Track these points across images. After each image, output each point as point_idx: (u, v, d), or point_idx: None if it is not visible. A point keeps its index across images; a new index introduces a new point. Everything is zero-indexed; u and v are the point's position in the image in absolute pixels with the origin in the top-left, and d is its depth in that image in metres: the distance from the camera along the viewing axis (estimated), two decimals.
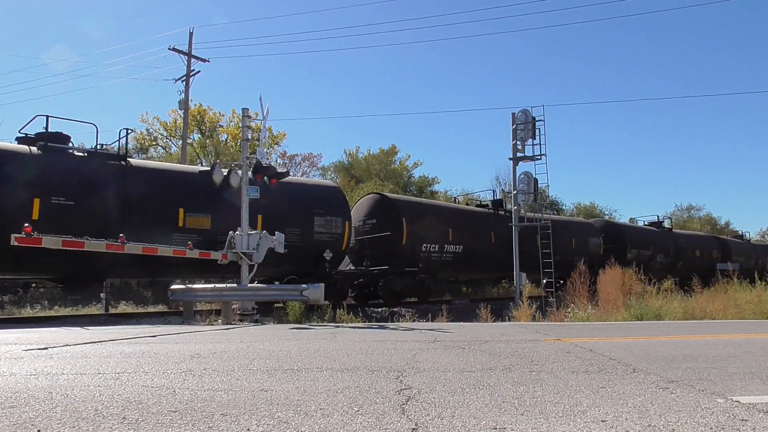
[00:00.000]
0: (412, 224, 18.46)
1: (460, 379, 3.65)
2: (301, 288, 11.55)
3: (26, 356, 4.94)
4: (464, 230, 20.59)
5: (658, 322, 9.95)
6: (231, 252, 12.40)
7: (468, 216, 22.12)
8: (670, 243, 30.34)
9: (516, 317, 12.09)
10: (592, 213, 44.34)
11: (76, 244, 11.17)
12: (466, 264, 20.74)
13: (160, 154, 35.55)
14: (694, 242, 33.42)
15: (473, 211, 22.90)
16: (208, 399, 3.03)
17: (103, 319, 13.58)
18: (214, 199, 14.01)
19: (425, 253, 18.97)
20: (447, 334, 7.09)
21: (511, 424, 2.49)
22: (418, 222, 18.91)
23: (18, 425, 2.48)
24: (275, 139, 36.71)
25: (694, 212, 60.23)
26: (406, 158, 43.52)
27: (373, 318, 14.35)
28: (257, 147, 12.91)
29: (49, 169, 12.60)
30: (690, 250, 31.79)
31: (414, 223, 18.61)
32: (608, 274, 13.88)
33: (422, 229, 18.92)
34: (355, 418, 2.60)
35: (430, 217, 19.79)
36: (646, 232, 30.34)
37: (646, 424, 2.51)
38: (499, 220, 22.08)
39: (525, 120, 18.42)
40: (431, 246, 19.13)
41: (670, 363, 4.41)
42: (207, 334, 7.44)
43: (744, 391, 3.26)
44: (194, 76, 28.16)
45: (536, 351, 5.22)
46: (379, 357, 4.80)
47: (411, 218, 18.68)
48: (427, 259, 19.04)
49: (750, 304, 11.57)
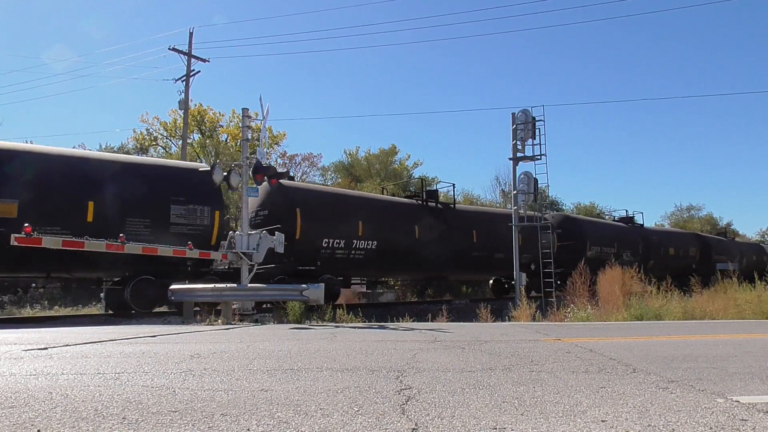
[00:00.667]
0: (308, 216, 16.03)
1: (460, 379, 3.65)
2: (301, 288, 11.55)
3: (26, 356, 4.94)
4: (380, 224, 17.92)
5: (658, 322, 9.96)
6: (231, 252, 12.42)
7: (385, 207, 19.20)
8: (638, 240, 28.40)
9: (516, 317, 12.09)
10: (592, 213, 44.35)
11: (76, 244, 11.18)
12: (382, 263, 18.28)
13: (160, 154, 35.56)
14: (669, 240, 31.46)
15: (392, 202, 20.24)
16: (208, 399, 3.03)
17: (103, 319, 13.58)
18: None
19: (327, 250, 16.49)
20: (447, 334, 7.09)
21: (511, 424, 2.49)
22: (317, 213, 16.41)
23: (18, 425, 2.48)
24: (275, 139, 36.72)
25: (695, 212, 60.17)
26: (406, 158, 43.60)
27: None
28: (257, 147, 12.91)
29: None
30: (663, 248, 29.84)
31: (311, 215, 16.17)
32: (608, 274, 13.90)
33: (321, 221, 16.41)
34: (355, 418, 2.60)
35: (334, 208, 17.13)
36: (610, 228, 28.59)
37: (646, 424, 2.51)
38: (427, 212, 19.89)
39: (525, 120, 18.41)
40: (335, 242, 16.67)
41: (670, 363, 4.41)
42: (207, 334, 7.44)
43: (744, 391, 3.26)
44: (194, 76, 28.19)
45: (536, 351, 5.22)
46: (379, 357, 4.80)
47: (307, 209, 16.16)
48: (329, 257, 16.60)
49: (750, 304, 11.57)
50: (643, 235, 29.55)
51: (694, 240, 33.40)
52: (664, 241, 30.99)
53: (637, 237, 28.86)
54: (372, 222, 17.55)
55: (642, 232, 29.81)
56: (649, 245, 28.96)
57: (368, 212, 17.95)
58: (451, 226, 20.21)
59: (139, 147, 36.33)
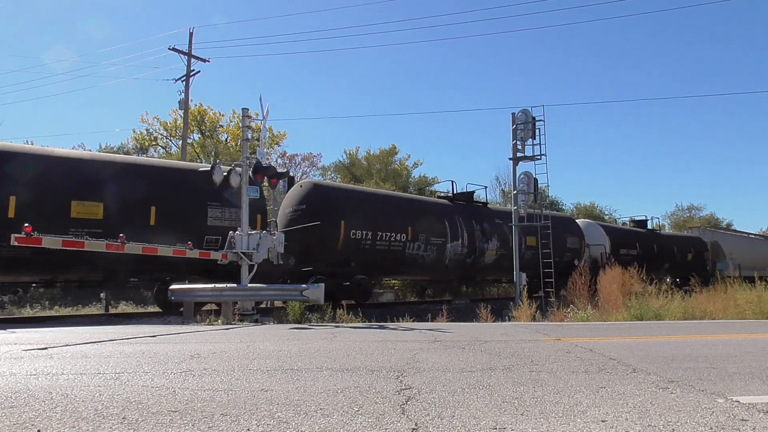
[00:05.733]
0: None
1: (460, 379, 3.65)
2: (301, 288, 11.56)
3: (26, 356, 4.94)
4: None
5: (658, 322, 9.95)
6: (231, 252, 12.41)
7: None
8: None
9: (516, 317, 12.09)
10: (592, 213, 44.36)
11: (76, 244, 11.16)
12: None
13: (160, 154, 35.56)
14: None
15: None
16: (208, 399, 3.02)
17: (103, 319, 13.59)
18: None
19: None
20: (447, 334, 7.09)
21: (511, 424, 2.49)
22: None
23: (18, 425, 2.48)
24: (275, 139, 36.73)
25: (695, 212, 60.06)
26: (406, 158, 43.61)
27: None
28: (257, 147, 12.90)
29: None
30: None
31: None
32: (608, 274, 13.90)
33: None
34: (355, 418, 2.60)
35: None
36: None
37: (646, 424, 2.51)
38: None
39: (525, 120, 18.40)
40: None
41: (670, 363, 4.40)
42: (207, 334, 7.44)
43: (744, 391, 3.26)
44: (194, 76, 28.20)
45: (536, 351, 5.22)
46: (379, 357, 4.80)
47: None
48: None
49: (750, 304, 11.56)
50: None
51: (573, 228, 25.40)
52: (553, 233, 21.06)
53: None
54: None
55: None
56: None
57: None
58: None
59: (138, 147, 36.32)
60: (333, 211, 16.36)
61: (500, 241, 21.00)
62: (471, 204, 21.82)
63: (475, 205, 22.05)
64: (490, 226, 20.99)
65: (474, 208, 21.54)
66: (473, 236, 20.18)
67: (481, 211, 21.58)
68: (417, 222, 18.29)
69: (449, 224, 19.50)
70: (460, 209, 20.63)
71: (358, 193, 19.14)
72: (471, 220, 20.35)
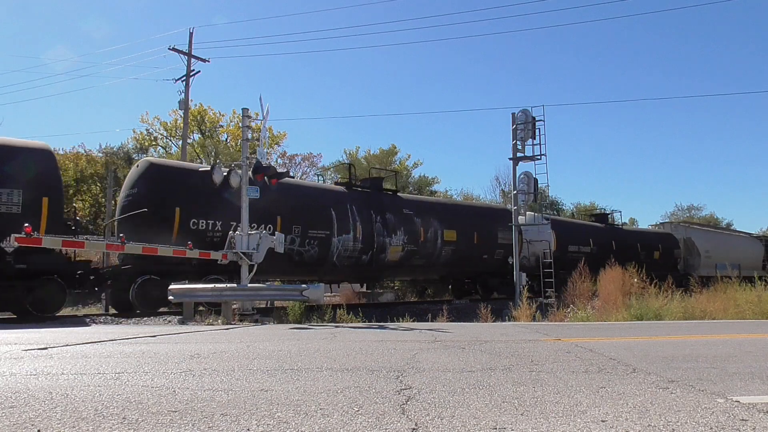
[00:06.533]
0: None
1: (460, 379, 3.65)
2: (301, 288, 11.56)
3: (26, 356, 4.94)
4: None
5: (658, 322, 9.96)
6: (231, 252, 12.41)
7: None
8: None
9: (516, 317, 12.09)
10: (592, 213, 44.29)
11: (76, 244, 11.17)
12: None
13: (160, 154, 35.56)
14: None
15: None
16: (208, 399, 3.02)
17: (103, 319, 13.57)
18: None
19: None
20: (447, 334, 7.09)
21: (511, 424, 2.49)
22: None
23: (18, 425, 2.48)
24: (275, 139, 36.71)
25: (695, 212, 60.00)
26: (406, 158, 43.57)
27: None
28: (257, 147, 12.90)
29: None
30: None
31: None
32: (608, 274, 13.90)
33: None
34: (355, 418, 2.60)
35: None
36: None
37: (646, 424, 2.51)
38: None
39: (525, 120, 18.41)
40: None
41: (670, 363, 4.40)
42: (207, 334, 7.44)
43: (744, 391, 3.26)
44: (194, 76, 28.17)
45: (536, 351, 5.21)
46: (379, 357, 4.80)
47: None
48: None
49: (750, 304, 11.56)
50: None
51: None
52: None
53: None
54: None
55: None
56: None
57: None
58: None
59: (138, 147, 36.31)
60: (168, 195, 13.73)
61: (408, 235, 18.32)
62: (376, 192, 19.02)
63: (381, 193, 19.31)
64: (395, 218, 18.13)
65: (377, 197, 18.71)
66: (370, 229, 17.24)
67: (384, 201, 18.72)
68: (291, 211, 15.32)
69: (337, 214, 16.48)
70: (355, 197, 17.91)
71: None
72: (369, 209, 17.48)
